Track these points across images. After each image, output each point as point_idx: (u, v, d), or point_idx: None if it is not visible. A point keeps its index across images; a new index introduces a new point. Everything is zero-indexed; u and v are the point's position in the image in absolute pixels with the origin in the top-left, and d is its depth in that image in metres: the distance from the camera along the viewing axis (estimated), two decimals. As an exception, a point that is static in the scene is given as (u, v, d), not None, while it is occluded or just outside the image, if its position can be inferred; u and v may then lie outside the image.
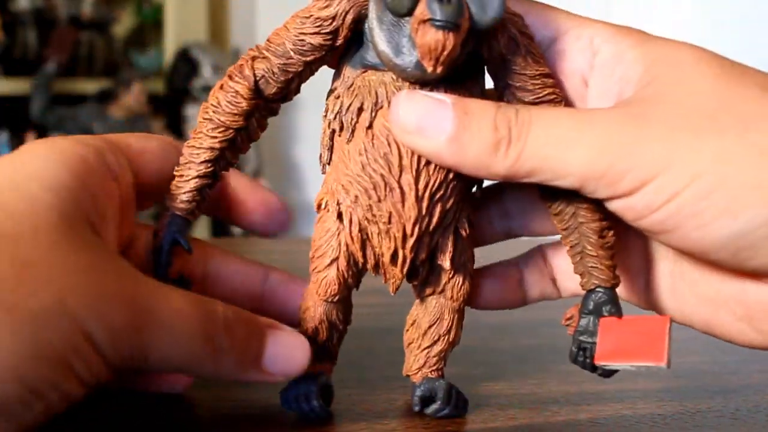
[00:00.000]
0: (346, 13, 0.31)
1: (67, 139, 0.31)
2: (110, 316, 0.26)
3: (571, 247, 0.33)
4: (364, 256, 0.33)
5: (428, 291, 0.34)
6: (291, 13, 0.32)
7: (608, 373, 0.32)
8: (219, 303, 0.30)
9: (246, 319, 0.31)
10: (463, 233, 0.33)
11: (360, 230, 0.33)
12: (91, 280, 0.27)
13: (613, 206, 0.31)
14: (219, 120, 0.33)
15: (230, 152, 0.33)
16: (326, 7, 0.31)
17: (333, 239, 0.33)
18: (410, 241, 0.32)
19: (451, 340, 0.35)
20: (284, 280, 0.37)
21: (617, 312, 0.32)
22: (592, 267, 0.32)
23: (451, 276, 0.34)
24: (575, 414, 0.35)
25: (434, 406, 0.34)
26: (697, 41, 0.32)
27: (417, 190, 0.32)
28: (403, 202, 0.32)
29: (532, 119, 0.30)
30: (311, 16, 0.32)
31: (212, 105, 0.33)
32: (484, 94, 0.32)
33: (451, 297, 0.34)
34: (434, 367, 0.35)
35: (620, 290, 0.34)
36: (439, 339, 0.35)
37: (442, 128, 0.30)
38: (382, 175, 0.32)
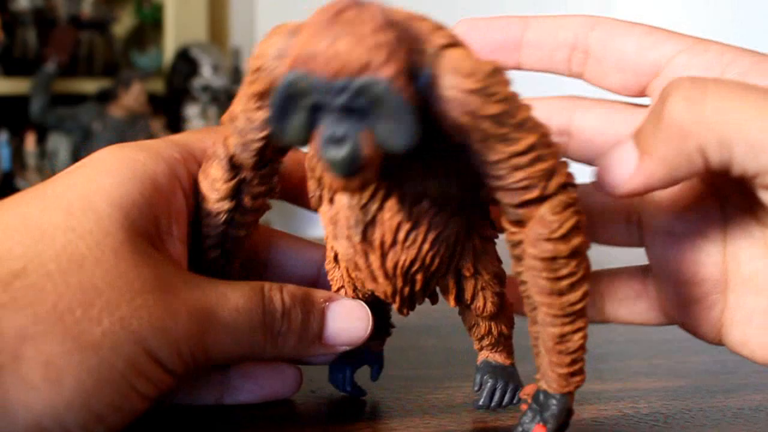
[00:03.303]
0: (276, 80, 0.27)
1: (140, 150, 0.31)
2: (173, 330, 0.27)
3: (534, 338, 0.29)
4: (365, 293, 0.33)
5: (454, 304, 0.33)
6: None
7: None
8: (275, 288, 0.31)
9: (303, 298, 0.31)
10: (467, 273, 0.31)
11: (352, 278, 0.32)
12: (154, 298, 0.27)
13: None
14: (207, 208, 0.31)
15: (233, 228, 0.32)
16: (254, 82, 0.28)
17: (335, 271, 0.33)
18: (398, 301, 0.31)
19: (496, 335, 0.34)
20: None
21: (549, 425, 0.29)
22: (545, 368, 0.29)
23: (469, 304, 0.32)
24: (577, 413, 0.35)
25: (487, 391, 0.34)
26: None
27: (385, 270, 0.29)
28: (374, 279, 0.30)
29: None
30: (245, 93, 0.28)
31: (199, 193, 0.32)
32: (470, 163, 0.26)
33: (477, 315, 0.33)
34: (492, 350, 0.34)
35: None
36: (482, 338, 0.34)
37: (627, 167, 0.28)
38: (350, 254, 0.30)
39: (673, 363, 0.40)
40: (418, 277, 0.29)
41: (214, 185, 0.31)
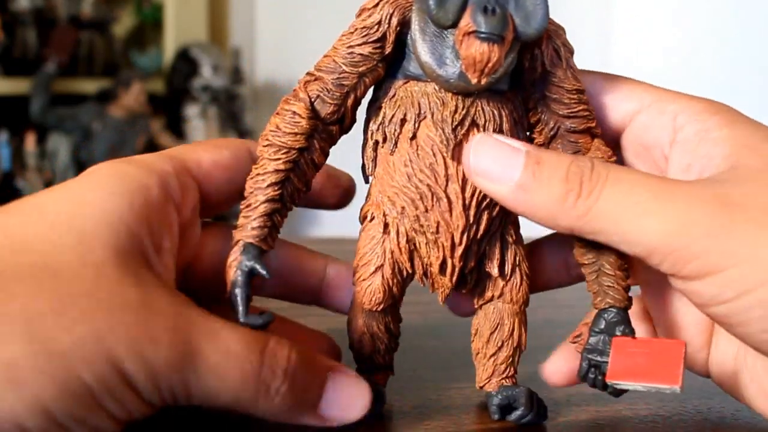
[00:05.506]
0: (391, 16, 0.31)
1: (133, 165, 0.31)
2: (151, 357, 0.26)
3: (587, 264, 0.33)
4: (412, 266, 0.33)
5: (486, 297, 0.34)
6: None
7: (618, 393, 0.32)
8: (283, 344, 0.29)
9: (309, 362, 0.30)
10: (510, 239, 0.34)
11: (407, 241, 0.33)
12: (137, 318, 0.26)
13: (676, 284, 0.30)
14: (280, 142, 0.32)
15: (296, 176, 0.32)
16: (370, 16, 0.32)
17: (378, 246, 0.33)
18: (459, 250, 0.32)
19: (515, 344, 0.35)
20: (342, 272, 0.37)
21: (631, 332, 0.32)
22: (608, 286, 0.32)
23: (508, 279, 0.34)
24: (576, 415, 0.35)
25: (517, 413, 0.34)
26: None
27: (464, 198, 0.32)
28: (450, 211, 0.32)
29: (609, 177, 0.29)
30: (356, 28, 0.32)
31: (271, 131, 0.32)
32: (524, 105, 0.33)
33: (511, 300, 0.34)
34: (504, 375, 0.35)
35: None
36: (503, 345, 0.34)
37: (511, 175, 0.30)
38: (428, 186, 0.32)
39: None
40: (485, 215, 0.32)
41: (295, 119, 0.32)
